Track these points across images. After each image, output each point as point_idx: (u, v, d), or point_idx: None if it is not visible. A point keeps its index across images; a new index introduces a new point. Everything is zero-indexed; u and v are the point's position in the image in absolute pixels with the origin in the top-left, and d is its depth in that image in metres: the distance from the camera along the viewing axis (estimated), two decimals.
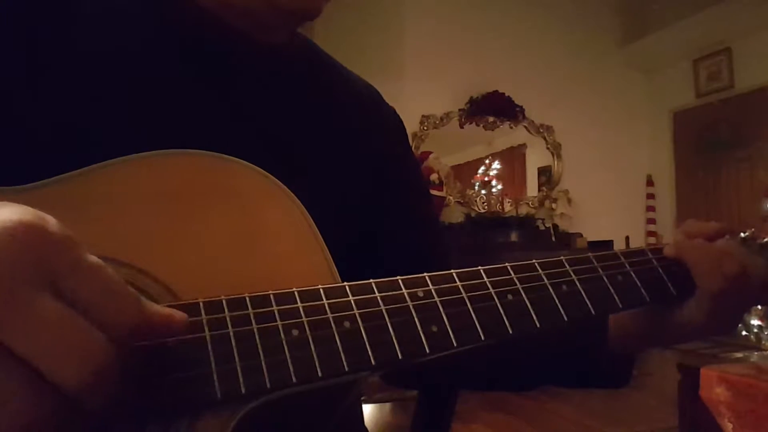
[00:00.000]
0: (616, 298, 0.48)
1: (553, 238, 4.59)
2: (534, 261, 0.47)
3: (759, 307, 1.84)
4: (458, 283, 0.42)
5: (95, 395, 0.26)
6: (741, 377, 1.69)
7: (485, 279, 0.43)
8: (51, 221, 0.27)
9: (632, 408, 3.13)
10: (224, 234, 0.42)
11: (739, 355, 2.00)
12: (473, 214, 4.58)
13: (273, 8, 0.54)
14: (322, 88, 0.64)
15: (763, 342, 1.96)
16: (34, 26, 0.48)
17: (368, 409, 3.14)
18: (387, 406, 3.24)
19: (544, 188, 4.94)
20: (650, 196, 5.30)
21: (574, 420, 3.03)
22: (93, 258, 0.28)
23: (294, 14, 0.55)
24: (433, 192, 4.30)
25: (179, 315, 0.31)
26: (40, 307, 0.25)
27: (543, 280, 0.46)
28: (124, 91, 0.49)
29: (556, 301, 0.45)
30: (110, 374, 0.27)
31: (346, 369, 0.36)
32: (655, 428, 2.87)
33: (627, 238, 4.71)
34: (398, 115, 0.73)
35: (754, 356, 1.97)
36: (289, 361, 0.35)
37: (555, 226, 4.68)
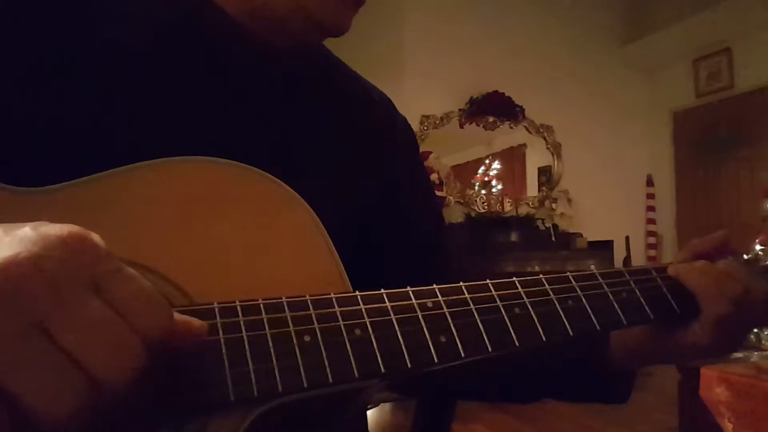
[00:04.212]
0: (621, 314, 0.49)
1: (553, 238, 4.59)
2: (541, 276, 0.47)
3: None
4: (467, 295, 0.43)
5: (127, 393, 0.28)
6: (741, 377, 1.69)
7: (493, 292, 0.44)
8: (94, 234, 0.29)
9: (632, 408, 3.13)
10: (239, 240, 0.43)
11: (739, 355, 2.00)
12: (473, 214, 4.58)
13: (306, 21, 0.54)
14: (336, 95, 0.65)
15: (763, 342, 1.97)
16: (53, 26, 0.48)
17: (368, 410, 3.15)
18: (387, 406, 3.24)
19: (544, 188, 4.94)
20: (650, 196, 5.30)
21: (574, 420, 3.04)
22: (130, 269, 0.30)
23: (324, 29, 0.55)
24: None
25: (198, 323, 0.32)
26: (88, 306, 0.27)
27: (549, 295, 0.46)
28: (134, 93, 0.50)
29: (562, 316, 0.46)
30: (142, 376, 0.28)
31: (356, 375, 0.36)
32: (655, 428, 2.88)
33: (627, 238, 4.71)
34: (410, 125, 0.73)
35: (754, 356, 1.97)
36: (300, 366, 0.35)
37: (555, 226, 4.68)
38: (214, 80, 0.54)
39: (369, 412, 3.15)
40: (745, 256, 0.57)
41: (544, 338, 0.44)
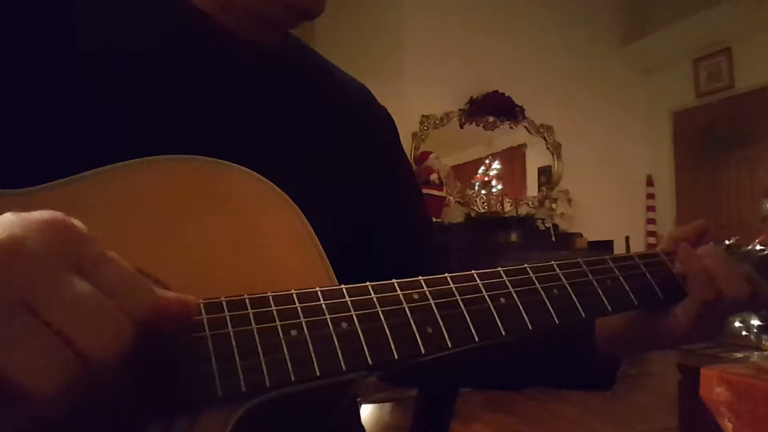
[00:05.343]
0: (606, 301, 0.49)
1: (553, 238, 4.59)
2: (525, 265, 0.48)
3: None
4: (452, 285, 0.43)
5: (113, 372, 0.28)
6: (741, 377, 1.69)
7: (478, 282, 0.44)
8: (77, 220, 0.30)
9: (632, 408, 3.13)
10: (223, 237, 0.42)
11: (739, 355, 2.00)
12: (473, 214, 4.58)
13: (278, 4, 0.54)
14: (316, 90, 0.65)
15: (763, 342, 1.96)
16: (33, 27, 0.48)
17: (368, 409, 3.15)
18: (386, 406, 3.24)
19: (544, 188, 4.94)
20: (650, 196, 5.31)
21: (575, 420, 3.04)
22: (111, 252, 0.30)
23: (300, 11, 0.56)
24: (433, 192, 4.31)
25: (191, 298, 0.33)
26: (73, 284, 0.27)
27: (534, 284, 0.47)
28: (122, 93, 0.50)
29: (548, 304, 0.46)
30: (129, 355, 0.28)
31: (344, 368, 0.36)
32: (655, 428, 2.87)
33: (627, 238, 4.71)
34: (390, 116, 0.73)
35: (754, 356, 1.97)
36: (287, 360, 0.35)
37: (555, 226, 4.69)
38: (208, 81, 0.54)
39: (368, 411, 3.15)
40: (727, 242, 0.58)
41: (530, 327, 0.44)
